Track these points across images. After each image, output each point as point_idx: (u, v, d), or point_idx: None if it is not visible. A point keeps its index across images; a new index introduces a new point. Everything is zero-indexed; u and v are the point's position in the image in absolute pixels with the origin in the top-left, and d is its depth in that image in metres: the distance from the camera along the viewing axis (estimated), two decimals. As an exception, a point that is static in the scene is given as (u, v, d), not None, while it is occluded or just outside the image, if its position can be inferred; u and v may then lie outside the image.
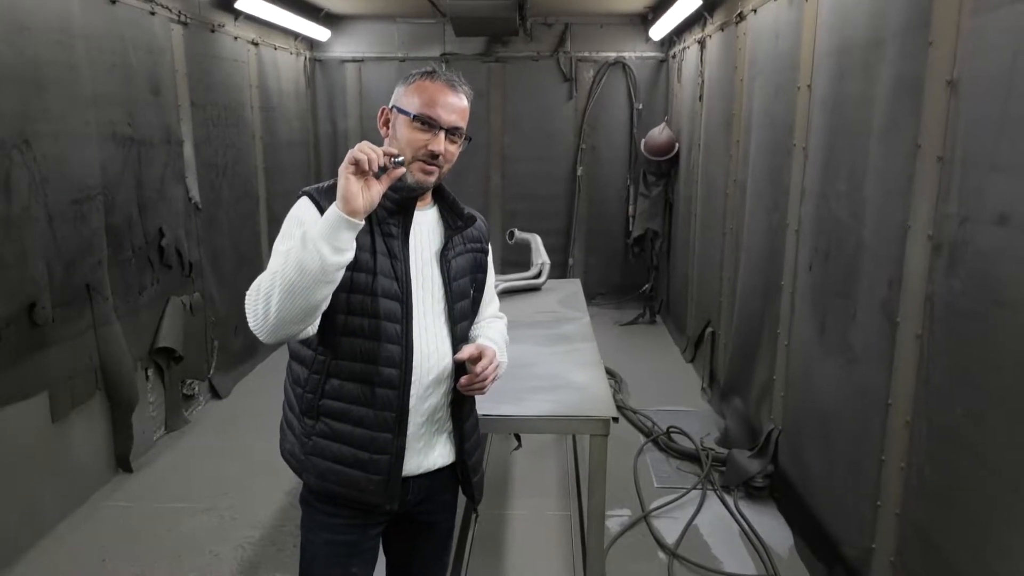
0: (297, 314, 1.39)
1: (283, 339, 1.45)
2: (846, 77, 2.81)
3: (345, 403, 1.60)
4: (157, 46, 4.09)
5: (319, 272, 1.36)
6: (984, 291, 1.94)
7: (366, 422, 1.60)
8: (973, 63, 2.01)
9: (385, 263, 1.58)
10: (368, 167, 1.39)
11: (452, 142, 1.60)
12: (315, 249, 1.36)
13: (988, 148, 1.93)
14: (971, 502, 1.98)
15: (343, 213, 1.38)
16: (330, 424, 1.61)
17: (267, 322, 1.40)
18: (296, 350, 1.66)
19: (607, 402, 2.26)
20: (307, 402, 1.63)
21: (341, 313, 1.56)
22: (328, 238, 1.37)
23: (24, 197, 3.01)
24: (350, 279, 1.53)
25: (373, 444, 1.60)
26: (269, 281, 1.40)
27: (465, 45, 6.80)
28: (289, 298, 1.37)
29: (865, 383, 2.60)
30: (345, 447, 1.61)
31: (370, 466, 1.60)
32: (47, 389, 3.19)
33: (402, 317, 1.60)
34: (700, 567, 2.98)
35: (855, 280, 2.68)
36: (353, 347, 1.58)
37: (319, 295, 1.39)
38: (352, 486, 1.62)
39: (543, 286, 3.94)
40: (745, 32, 4.21)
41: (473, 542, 3.10)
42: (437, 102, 1.57)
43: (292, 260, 1.37)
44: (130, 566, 3.00)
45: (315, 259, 1.36)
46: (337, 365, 1.59)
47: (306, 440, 1.64)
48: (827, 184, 2.97)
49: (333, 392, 1.60)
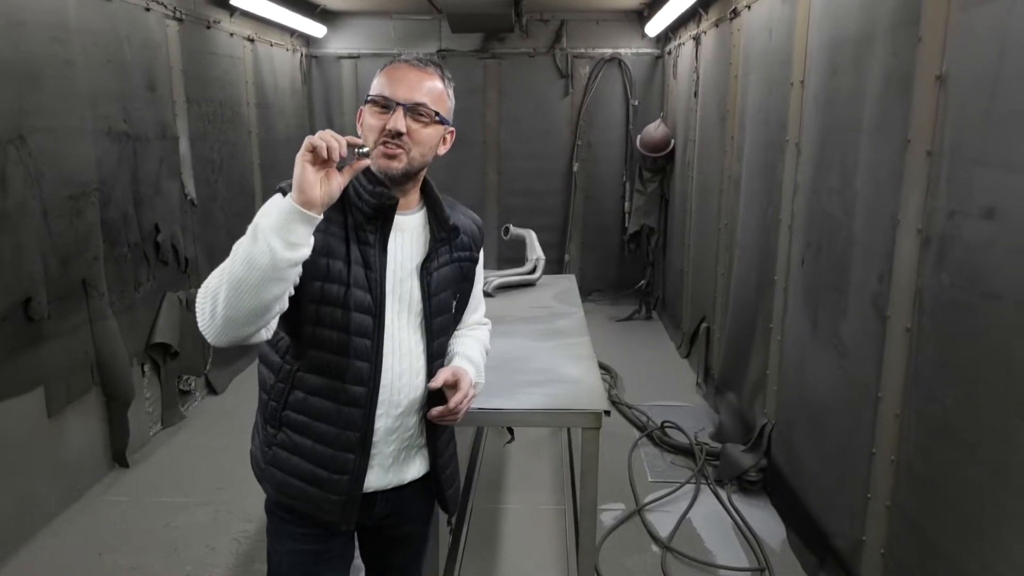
0: (246, 315, 1.27)
1: (234, 341, 1.32)
2: (838, 73, 2.83)
3: (308, 417, 1.52)
4: (153, 42, 4.09)
5: (269, 268, 1.24)
6: (972, 284, 1.95)
7: (328, 439, 1.51)
8: (961, 58, 2.03)
9: (359, 274, 1.48)
10: (327, 155, 1.26)
11: (416, 120, 1.46)
12: (265, 243, 1.25)
13: (976, 142, 1.95)
14: (960, 493, 2.00)
15: (297, 204, 1.26)
16: (291, 436, 1.54)
17: (214, 322, 1.28)
18: (265, 354, 1.57)
19: (599, 395, 2.28)
20: (271, 410, 1.55)
21: (310, 324, 1.47)
22: (280, 231, 1.25)
23: (19, 192, 3.01)
24: (321, 289, 1.45)
25: (333, 463, 1.52)
26: (217, 278, 1.28)
27: (461, 41, 6.79)
28: (236, 296, 1.25)
29: (856, 377, 2.62)
30: (304, 462, 1.53)
31: (328, 485, 1.52)
32: (43, 384, 3.19)
33: (373, 332, 1.49)
34: (693, 560, 3.00)
35: (846, 274, 2.70)
36: (320, 361, 1.49)
37: (269, 294, 1.27)
38: (308, 502, 1.55)
39: (538, 282, 3.95)
40: (739, 28, 4.22)
41: (467, 535, 3.12)
42: (394, 80, 1.47)
43: (240, 254, 1.26)
44: (126, 560, 3.02)
45: (265, 254, 1.24)
46: (303, 377, 1.51)
47: (267, 449, 1.58)
48: (819, 179, 2.98)
49: (296, 404, 1.52)
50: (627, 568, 2.97)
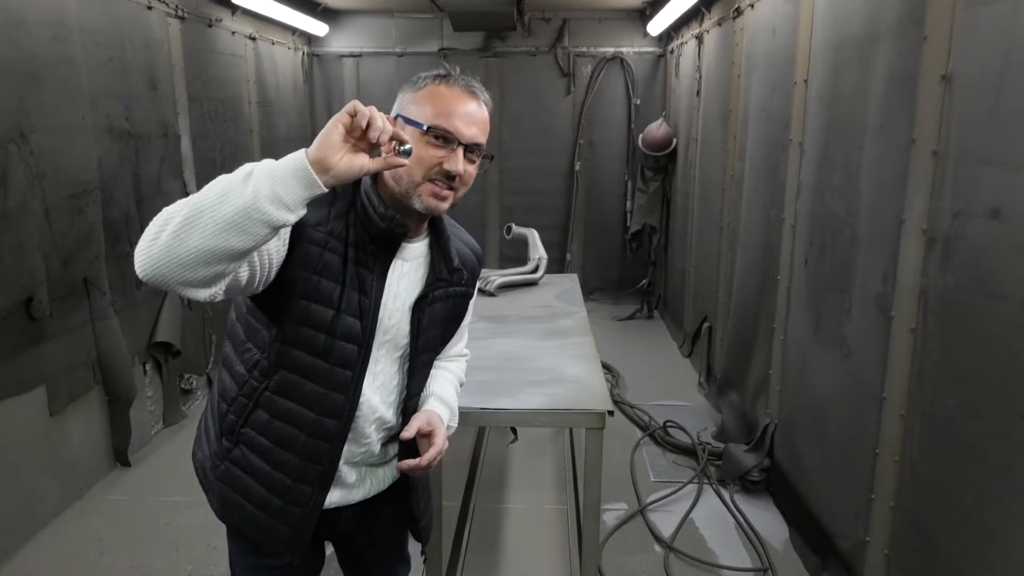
0: (188, 252, 1.04)
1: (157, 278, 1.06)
2: (842, 72, 2.82)
3: (269, 441, 1.39)
4: (154, 40, 4.08)
5: (241, 211, 1.03)
6: (977, 284, 1.94)
7: (287, 468, 1.39)
8: (967, 58, 2.02)
9: (352, 299, 1.33)
10: (364, 129, 1.09)
11: (471, 161, 1.33)
12: (253, 184, 1.05)
13: (981, 142, 1.94)
14: (964, 494, 1.99)
15: (308, 160, 1.07)
16: (247, 456, 1.40)
17: (153, 246, 1.05)
18: (230, 360, 1.43)
19: (603, 395, 2.27)
20: (228, 423, 1.42)
21: (287, 345, 1.33)
22: (274, 180, 1.05)
23: (21, 191, 3.01)
24: (307, 310, 1.30)
25: (288, 493, 1.40)
26: (181, 204, 1.08)
27: (463, 40, 6.79)
28: (190, 225, 1.04)
29: (860, 377, 2.61)
30: (257, 485, 1.40)
31: (280, 515, 1.41)
32: (44, 383, 3.19)
33: (357, 364, 1.36)
34: (696, 560, 3.00)
35: (850, 274, 2.69)
36: (293, 387, 1.35)
37: (224, 242, 1.04)
38: (254, 528, 1.43)
39: (540, 281, 3.95)
40: (742, 27, 4.21)
41: (469, 535, 3.12)
42: (455, 112, 1.30)
43: (219, 184, 1.07)
44: (128, 559, 3.02)
45: (244, 194, 1.04)
46: (270, 398, 1.37)
47: (219, 463, 1.44)
48: (823, 179, 2.97)
49: (258, 425, 1.39)
50: (629, 568, 2.96)
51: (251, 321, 1.39)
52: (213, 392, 1.51)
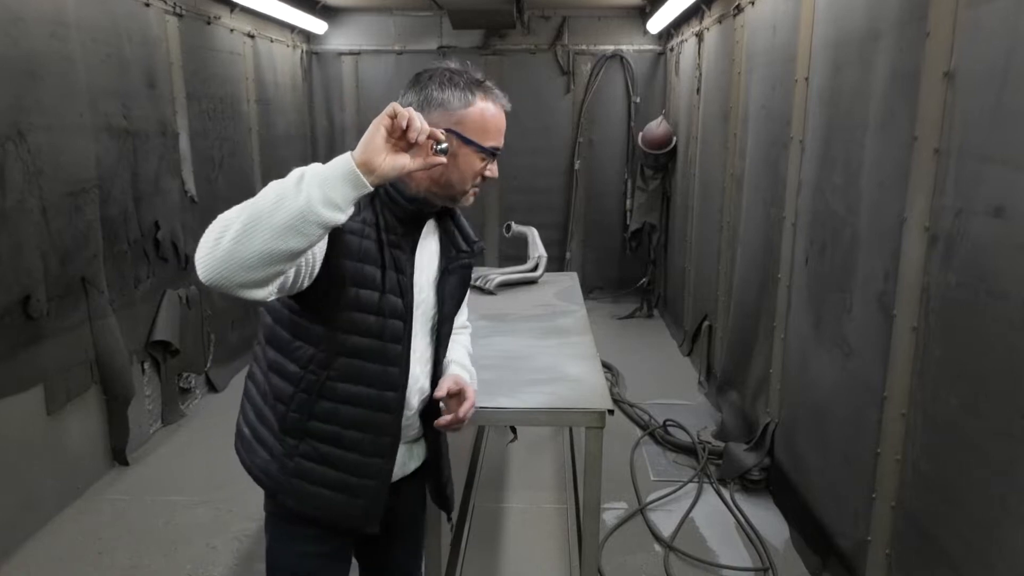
0: (250, 256, 1.12)
1: (223, 282, 1.15)
2: (843, 69, 2.81)
3: (338, 427, 1.48)
4: (152, 38, 4.07)
5: (297, 215, 1.12)
6: (979, 283, 1.93)
7: (361, 447, 1.50)
8: (970, 54, 2.01)
9: (393, 279, 1.45)
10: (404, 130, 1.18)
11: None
12: (307, 187, 1.14)
13: (984, 140, 1.93)
14: (967, 494, 1.98)
15: (355, 163, 1.16)
16: (316, 446, 1.49)
17: (214, 252, 1.13)
18: (278, 364, 1.50)
19: (603, 394, 2.26)
20: (291, 421, 1.49)
21: (342, 332, 1.43)
22: (324, 184, 1.14)
23: (18, 189, 2.99)
24: (356, 296, 1.41)
25: (362, 469, 1.51)
26: (238, 210, 1.16)
27: (462, 38, 6.77)
28: (250, 231, 1.12)
29: (861, 376, 2.60)
30: (332, 471, 1.50)
31: (358, 490, 1.52)
32: (42, 382, 3.18)
33: (404, 337, 1.49)
34: (696, 560, 2.99)
35: (851, 273, 2.68)
36: (353, 369, 1.46)
37: (284, 244, 1.13)
38: (334, 511, 1.53)
39: (540, 279, 3.93)
40: (743, 25, 4.20)
41: (469, 534, 3.11)
42: (500, 131, 1.52)
43: (273, 190, 1.16)
44: (126, 559, 3.00)
45: (300, 199, 1.13)
46: (332, 387, 1.46)
47: (287, 461, 1.51)
48: (824, 177, 2.96)
49: (324, 415, 1.48)
50: (629, 568, 2.95)
51: (297, 320, 1.46)
52: (254, 398, 1.57)
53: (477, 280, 3.74)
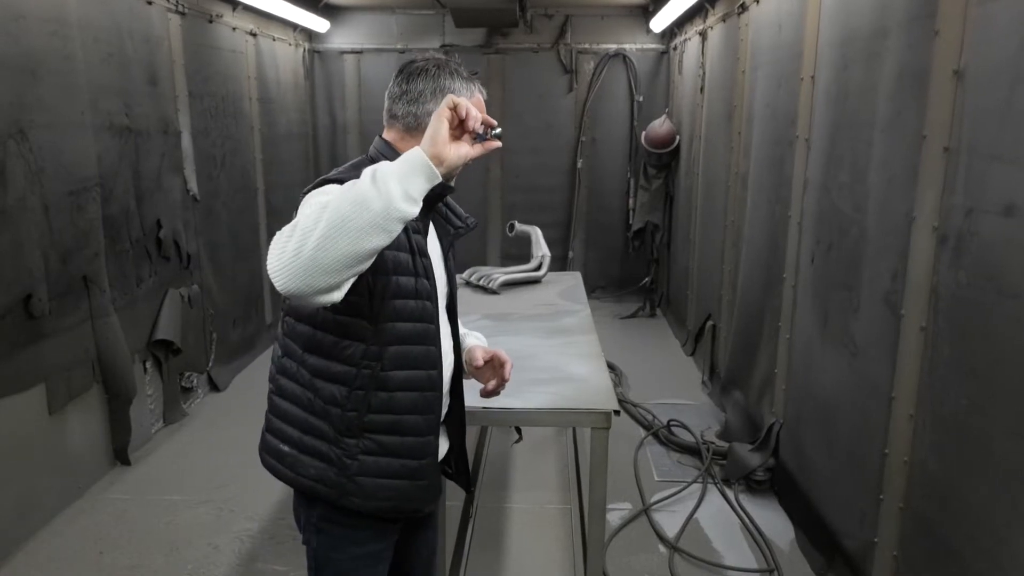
0: (335, 259, 1.15)
1: (304, 289, 1.18)
2: (850, 67, 2.79)
3: (395, 414, 1.52)
4: (154, 36, 4.05)
5: (381, 213, 1.15)
6: (990, 282, 1.92)
7: (418, 429, 1.55)
8: (980, 52, 1.99)
9: (419, 262, 1.50)
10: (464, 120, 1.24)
11: None
12: (384, 185, 1.16)
13: (995, 138, 1.91)
14: (976, 495, 1.96)
15: (427, 155, 1.20)
16: (376, 439, 1.52)
17: (297, 260, 1.15)
18: (326, 369, 1.50)
19: (608, 395, 2.24)
20: (347, 421, 1.50)
21: (391, 321, 1.47)
22: (402, 178, 1.17)
23: (20, 188, 2.98)
24: (397, 283, 1.46)
25: (419, 450, 1.56)
26: (314, 216, 1.16)
27: (465, 36, 6.75)
28: (335, 236, 1.14)
29: (868, 376, 2.58)
30: (395, 460, 1.54)
31: (418, 473, 1.57)
32: (44, 381, 3.16)
33: (435, 317, 1.55)
34: (701, 560, 2.97)
35: (858, 272, 2.66)
36: (402, 355, 1.50)
37: (368, 243, 1.17)
38: (401, 498, 1.57)
39: (543, 279, 3.92)
40: (747, 23, 4.18)
41: (473, 535, 3.09)
42: None
43: (350, 194, 1.17)
44: (127, 559, 2.99)
45: (381, 197, 1.15)
46: (385, 377, 1.49)
47: (349, 462, 1.52)
48: (830, 175, 2.94)
49: (381, 406, 1.50)
50: (634, 569, 2.94)
51: (343, 320, 1.47)
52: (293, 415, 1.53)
53: (480, 279, 3.73)
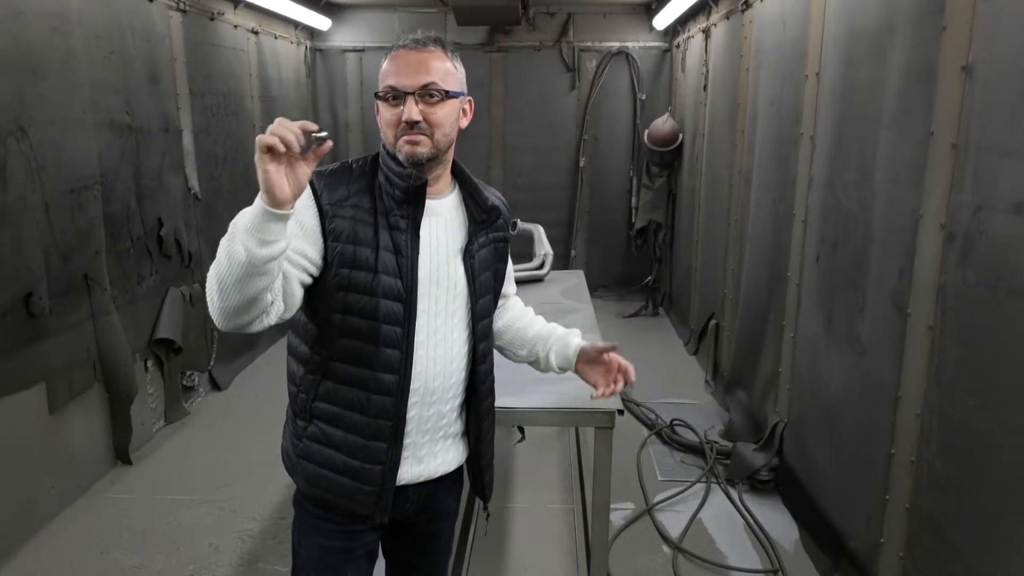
0: (236, 306, 1.29)
1: (236, 328, 1.33)
2: (856, 64, 2.77)
3: (339, 407, 1.51)
4: (155, 34, 4.04)
5: (248, 265, 1.24)
6: (998, 281, 1.89)
7: (359, 428, 1.50)
8: (989, 48, 1.96)
9: (389, 260, 1.46)
10: (285, 148, 1.22)
11: (429, 103, 1.43)
12: (241, 243, 1.25)
13: (1004, 134, 1.89)
14: (984, 496, 1.94)
15: (268, 206, 1.23)
16: (322, 428, 1.53)
17: (215, 311, 1.31)
18: (293, 346, 1.56)
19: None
20: (300, 402, 1.55)
21: (337, 313, 1.46)
22: (254, 231, 1.24)
23: (20, 186, 2.96)
24: (348, 277, 1.44)
25: (365, 452, 1.51)
26: (213, 271, 1.30)
27: (467, 35, 6.73)
28: (224, 290, 1.27)
29: (874, 375, 2.56)
30: (336, 453, 1.52)
31: (361, 475, 1.52)
32: (44, 380, 3.15)
33: (404, 320, 1.48)
34: (704, 561, 2.95)
35: (864, 271, 2.64)
36: (349, 349, 1.48)
37: (253, 288, 1.27)
38: (341, 494, 1.54)
39: (546, 277, 3.90)
40: (751, 20, 4.15)
41: (475, 535, 3.07)
42: (396, 70, 1.44)
43: (223, 251, 1.27)
44: (129, 558, 2.98)
45: (241, 252, 1.24)
46: (332, 367, 1.50)
47: (297, 442, 1.57)
48: (835, 173, 2.92)
49: (327, 395, 1.51)
50: (637, 569, 2.92)
51: (308, 304, 1.49)
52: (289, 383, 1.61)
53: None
